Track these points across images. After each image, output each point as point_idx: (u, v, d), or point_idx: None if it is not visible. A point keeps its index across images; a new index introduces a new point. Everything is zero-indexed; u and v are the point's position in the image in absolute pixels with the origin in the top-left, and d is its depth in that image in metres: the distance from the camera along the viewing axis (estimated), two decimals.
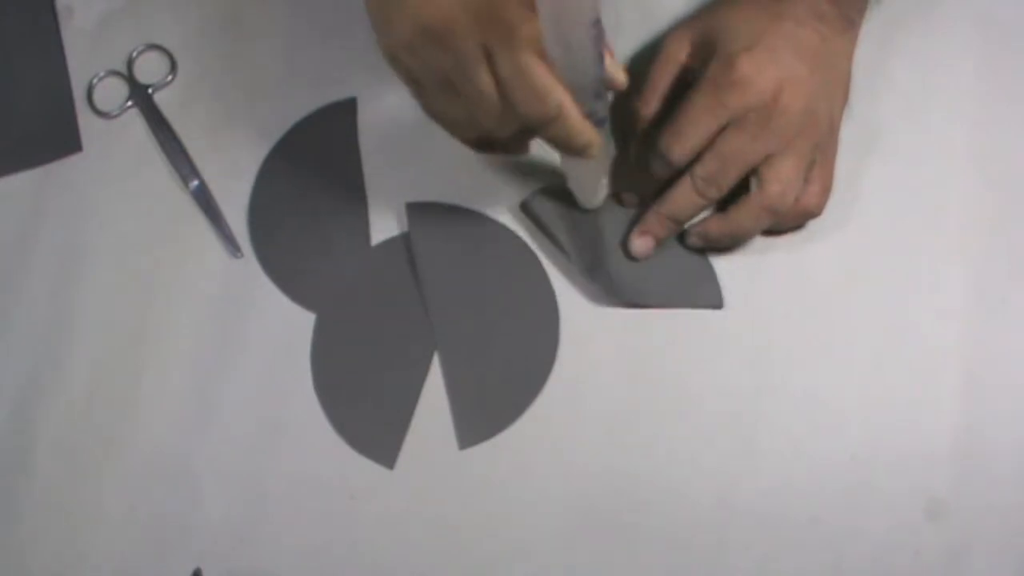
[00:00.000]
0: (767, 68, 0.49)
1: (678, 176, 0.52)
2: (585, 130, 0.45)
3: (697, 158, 0.51)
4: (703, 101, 0.50)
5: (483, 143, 0.48)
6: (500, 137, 0.46)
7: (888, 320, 0.53)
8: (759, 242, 0.54)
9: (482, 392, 0.54)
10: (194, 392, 0.55)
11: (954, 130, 0.56)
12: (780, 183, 0.50)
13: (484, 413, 0.53)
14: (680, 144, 0.50)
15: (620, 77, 0.46)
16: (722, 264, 0.55)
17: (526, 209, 0.55)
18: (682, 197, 0.51)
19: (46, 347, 0.56)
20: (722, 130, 0.50)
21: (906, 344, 0.53)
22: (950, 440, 0.51)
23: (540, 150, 0.53)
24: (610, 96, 0.47)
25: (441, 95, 0.44)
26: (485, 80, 0.42)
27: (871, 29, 0.56)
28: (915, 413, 0.52)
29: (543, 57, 0.42)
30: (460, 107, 0.44)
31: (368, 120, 0.59)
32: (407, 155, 0.58)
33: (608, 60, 0.44)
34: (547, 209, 0.55)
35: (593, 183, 0.53)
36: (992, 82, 0.56)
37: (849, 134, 0.55)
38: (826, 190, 0.52)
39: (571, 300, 0.55)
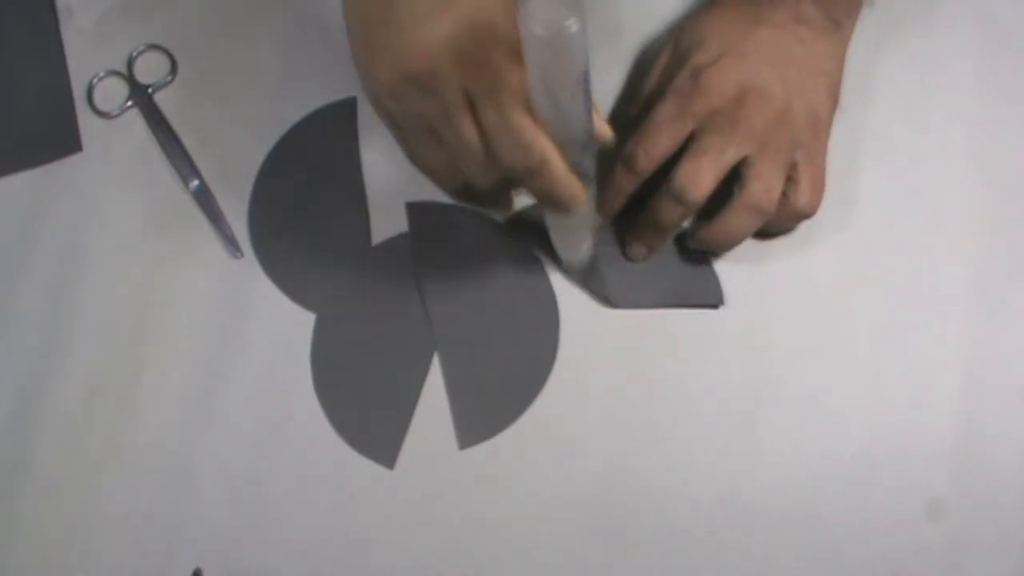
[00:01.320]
0: (732, 74, 0.50)
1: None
2: (571, 183, 0.43)
3: (673, 167, 0.50)
4: (667, 109, 0.51)
5: (466, 193, 0.47)
6: (483, 188, 0.45)
7: (888, 320, 0.53)
8: (759, 243, 0.54)
9: (482, 392, 0.54)
10: (194, 392, 0.55)
11: (954, 130, 0.56)
12: (761, 181, 0.50)
13: (484, 413, 0.53)
14: (644, 150, 0.50)
15: (606, 131, 0.45)
16: (722, 265, 0.55)
17: (509, 230, 0.55)
18: (663, 205, 0.51)
19: (46, 347, 0.56)
20: (691, 137, 0.50)
21: (906, 344, 0.53)
22: (950, 440, 0.51)
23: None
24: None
25: (424, 142, 0.43)
26: (468, 128, 0.41)
27: (870, 30, 0.56)
28: (915, 413, 0.52)
29: (528, 107, 0.41)
30: (443, 155, 0.43)
31: (368, 120, 0.59)
32: None
33: (594, 115, 0.43)
34: (529, 227, 0.54)
35: (578, 240, 0.52)
36: (992, 82, 0.56)
37: (848, 134, 0.55)
38: (816, 190, 0.51)
39: (571, 300, 0.55)
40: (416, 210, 0.56)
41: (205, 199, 0.58)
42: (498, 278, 0.55)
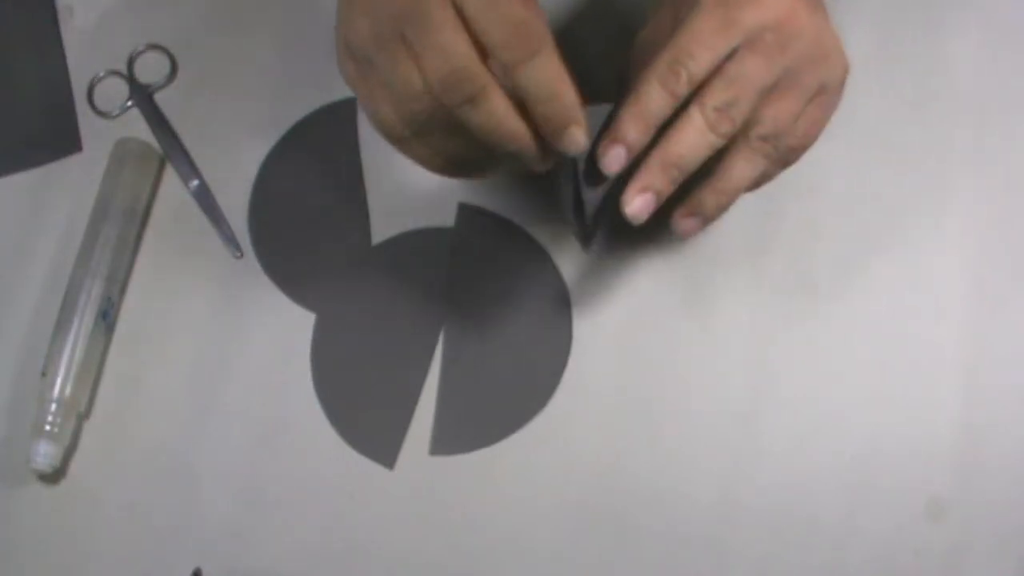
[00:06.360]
0: None
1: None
2: (517, 123, 0.39)
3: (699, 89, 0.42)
4: (711, 19, 0.42)
5: (415, 146, 0.43)
6: (427, 128, 0.41)
7: (888, 320, 0.53)
8: (758, 241, 0.54)
9: (471, 406, 0.54)
10: (194, 392, 0.55)
11: (954, 130, 0.56)
12: (776, 123, 0.43)
13: (466, 427, 0.53)
14: (695, 63, 0.41)
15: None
16: (722, 264, 0.55)
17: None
18: (691, 135, 0.42)
19: (45, 346, 0.56)
20: (731, 54, 0.42)
21: (906, 344, 0.53)
22: (950, 440, 0.51)
23: None
24: None
25: (368, 81, 0.41)
26: (402, 58, 0.39)
27: (870, 29, 0.56)
28: (915, 413, 0.52)
29: (475, 50, 0.38)
30: (384, 92, 0.40)
31: (368, 120, 0.59)
32: None
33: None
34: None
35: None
36: (992, 82, 0.56)
37: (848, 134, 0.55)
38: (810, 136, 0.45)
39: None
40: (466, 212, 0.56)
41: (205, 199, 0.58)
42: (521, 300, 0.55)
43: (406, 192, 0.57)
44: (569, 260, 0.55)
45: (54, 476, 0.54)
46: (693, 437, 0.52)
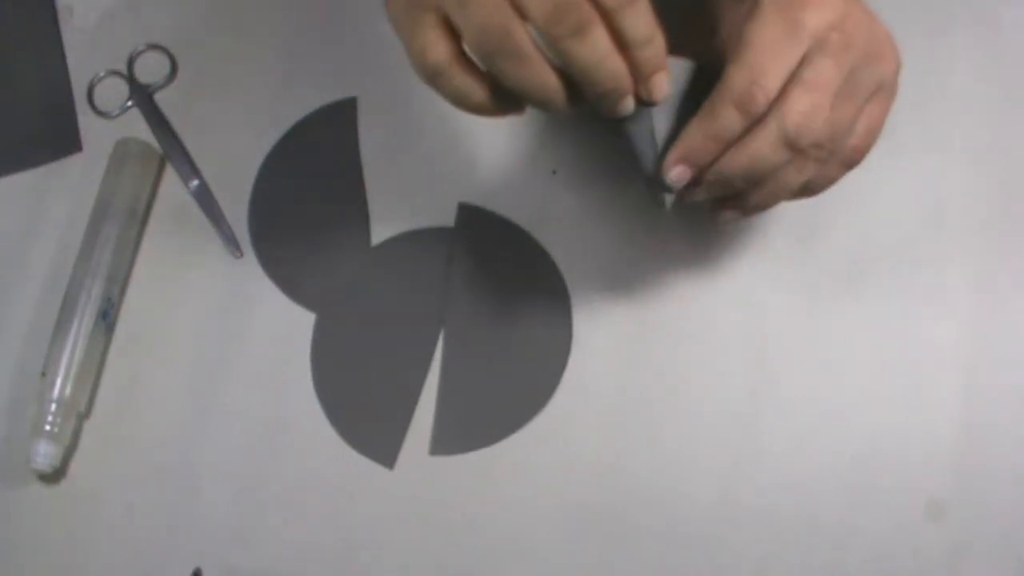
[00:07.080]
0: None
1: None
2: (618, 65, 0.38)
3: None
4: (776, 26, 0.40)
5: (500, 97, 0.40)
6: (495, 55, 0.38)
7: (888, 320, 0.53)
8: (758, 241, 0.54)
9: (471, 405, 0.54)
10: (194, 392, 0.55)
11: (954, 130, 0.56)
12: (833, 127, 0.41)
13: (466, 426, 0.53)
14: (770, 80, 0.40)
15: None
16: (721, 264, 0.55)
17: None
18: (767, 150, 0.41)
19: (46, 347, 0.56)
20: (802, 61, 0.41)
21: (906, 344, 0.53)
22: (950, 440, 0.51)
23: None
24: None
25: (431, 29, 0.39)
26: None
27: None
28: (915, 413, 0.52)
29: None
30: (451, 43, 0.39)
31: (368, 120, 0.59)
32: (407, 155, 0.58)
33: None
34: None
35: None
36: (992, 82, 0.56)
37: None
38: (872, 134, 0.44)
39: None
40: (465, 212, 0.56)
41: (205, 199, 0.58)
42: (521, 300, 0.55)
43: (406, 192, 0.57)
44: (569, 260, 0.55)
45: (54, 476, 0.54)
46: (693, 437, 0.52)
